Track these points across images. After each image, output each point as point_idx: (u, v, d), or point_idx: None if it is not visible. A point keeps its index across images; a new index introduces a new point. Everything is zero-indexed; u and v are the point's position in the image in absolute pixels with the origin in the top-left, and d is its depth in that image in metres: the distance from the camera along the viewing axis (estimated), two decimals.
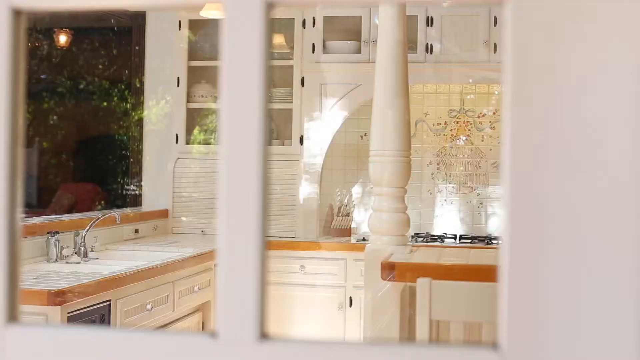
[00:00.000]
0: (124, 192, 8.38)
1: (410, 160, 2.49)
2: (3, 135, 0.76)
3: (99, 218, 3.65)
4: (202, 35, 4.88)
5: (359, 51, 4.50)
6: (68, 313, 2.59)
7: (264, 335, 0.72)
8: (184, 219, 4.72)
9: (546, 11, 0.69)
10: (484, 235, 4.63)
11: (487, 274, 2.11)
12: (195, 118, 4.88)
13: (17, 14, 0.78)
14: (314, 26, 4.52)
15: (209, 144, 4.82)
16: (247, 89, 0.73)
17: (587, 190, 0.68)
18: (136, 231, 4.27)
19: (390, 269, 2.20)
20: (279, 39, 4.79)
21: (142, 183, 5.06)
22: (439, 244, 4.36)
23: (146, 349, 0.74)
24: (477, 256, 2.48)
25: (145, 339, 0.75)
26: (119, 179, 8.49)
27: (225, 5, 0.72)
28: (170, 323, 3.37)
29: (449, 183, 4.79)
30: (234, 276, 0.73)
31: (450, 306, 1.84)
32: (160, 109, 4.97)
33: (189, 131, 4.80)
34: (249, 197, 0.72)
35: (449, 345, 0.71)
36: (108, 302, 2.83)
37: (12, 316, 0.77)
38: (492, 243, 4.37)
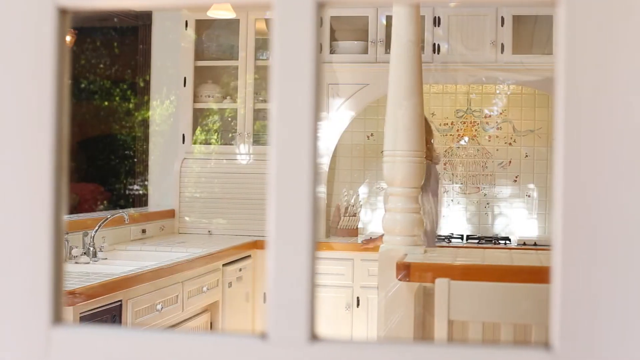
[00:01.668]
0: (127, 192, 8.37)
1: (424, 161, 2.49)
2: (49, 135, 0.76)
3: (107, 218, 3.65)
4: (209, 35, 4.87)
5: (366, 51, 4.49)
6: (80, 313, 2.58)
7: (314, 337, 0.71)
8: (187, 218, 4.72)
9: (599, 12, 0.69)
10: (491, 235, 4.63)
11: (504, 274, 2.11)
12: (202, 118, 4.88)
13: (62, 13, 0.78)
14: (321, 26, 4.50)
15: (209, 143, 4.82)
16: (298, 89, 0.72)
17: (636, 194, 0.67)
18: (143, 231, 4.27)
19: (405, 269, 2.20)
20: None
21: (148, 183, 5.05)
22: (446, 244, 4.36)
23: (194, 350, 0.74)
24: (491, 256, 2.48)
25: (193, 340, 0.74)
26: (121, 179, 8.48)
27: (276, 6, 0.71)
28: (179, 323, 3.37)
29: (456, 183, 4.79)
30: (284, 278, 0.72)
31: (469, 307, 1.84)
32: (165, 108, 4.96)
33: (195, 131, 4.80)
34: (300, 199, 0.72)
35: (499, 346, 0.71)
36: (119, 303, 2.83)
37: (57, 318, 0.77)
38: (499, 243, 4.37)
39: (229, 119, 4.83)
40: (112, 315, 2.78)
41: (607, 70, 0.68)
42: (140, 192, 7.54)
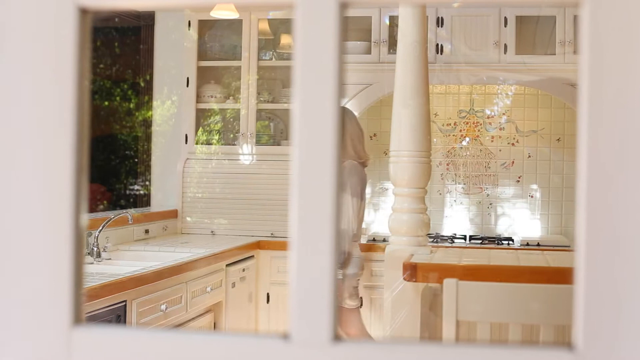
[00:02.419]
0: (127, 192, 8.37)
1: (430, 161, 2.48)
2: (70, 136, 0.76)
3: (111, 218, 3.64)
4: (211, 36, 4.86)
5: (369, 52, 4.49)
6: (86, 313, 2.57)
7: (337, 337, 0.71)
8: (188, 219, 4.71)
9: (623, 12, 0.69)
10: (494, 235, 4.63)
11: (511, 274, 2.11)
12: (204, 119, 4.88)
13: (83, 12, 0.77)
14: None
15: (210, 144, 4.81)
16: (320, 90, 0.72)
17: None
18: (146, 231, 4.26)
19: (412, 270, 2.20)
20: (287, 40, 4.78)
21: (151, 183, 5.05)
22: (449, 245, 4.36)
23: (215, 350, 0.74)
24: (498, 257, 2.48)
25: (216, 340, 0.74)
26: (122, 179, 8.48)
27: (299, 6, 0.71)
28: (183, 323, 3.36)
29: (458, 184, 4.79)
30: (307, 278, 0.72)
31: (477, 307, 1.83)
32: (167, 109, 4.96)
33: (197, 132, 4.80)
34: (322, 199, 0.71)
35: (522, 346, 0.71)
36: (124, 303, 2.82)
37: (78, 318, 0.77)
38: (502, 243, 4.37)
39: (232, 119, 4.83)
40: (116, 316, 2.78)
41: (630, 70, 0.68)
42: (141, 192, 7.52)
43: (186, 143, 4.75)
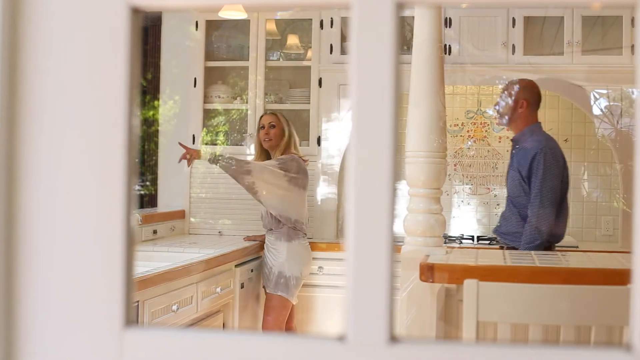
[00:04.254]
0: None
1: (446, 162, 2.48)
2: (122, 134, 0.75)
3: None
4: (219, 36, 4.86)
5: None
6: None
7: (394, 338, 0.71)
8: (192, 219, 4.71)
9: None
10: None
11: (530, 275, 2.11)
12: (210, 119, 4.87)
13: (134, 12, 0.77)
14: (331, 27, 4.51)
15: (216, 144, 4.81)
16: (377, 89, 0.72)
17: None
18: (154, 232, 4.26)
19: (429, 270, 2.20)
20: (294, 40, 4.78)
21: (157, 183, 5.04)
22: (459, 245, 4.35)
23: (270, 351, 0.73)
24: (513, 257, 2.48)
25: (270, 342, 0.74)
26: None
27: (355, 6, 0.71)
28: (194, 324, 3.36)
29: (466, 184, 4.78)
30: (363, 280, 0.72)
31: (499, 308, 1.83)
32: (175, 109, 4.95)
33: (203, 132, 4.79)
34: (379, 201, 0.71)
35: (579, 347, 0.71)
36: (136, 304, 2.82)
37: (129, 320, 0.77)
38: None
39: (239, 120, 4.83)
40: None
41: None
42: (142, 192, 7.48)
43: (193, 143, 4.74)
